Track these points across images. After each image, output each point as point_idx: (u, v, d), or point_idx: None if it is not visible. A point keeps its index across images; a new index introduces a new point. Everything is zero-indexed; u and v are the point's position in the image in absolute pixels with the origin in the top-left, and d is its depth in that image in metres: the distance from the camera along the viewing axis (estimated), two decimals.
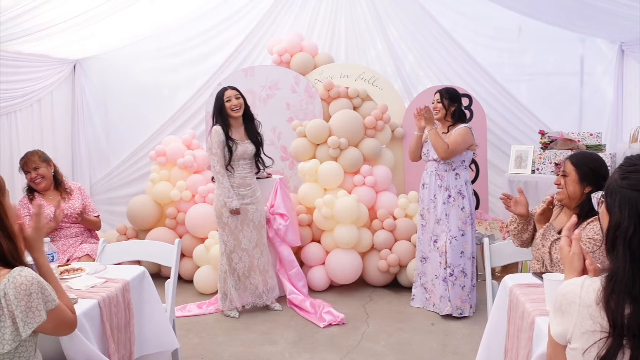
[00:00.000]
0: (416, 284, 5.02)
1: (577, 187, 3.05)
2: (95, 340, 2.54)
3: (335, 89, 5.78)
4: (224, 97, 4.69)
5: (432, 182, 4.82)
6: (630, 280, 1.49)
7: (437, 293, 4.81)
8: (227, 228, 4.74)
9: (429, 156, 4.83)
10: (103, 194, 7.00)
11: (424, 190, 4.91)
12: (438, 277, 4.80)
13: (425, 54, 6.66)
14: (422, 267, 4.97)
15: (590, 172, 3.01)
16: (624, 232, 1.52)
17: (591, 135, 5.54)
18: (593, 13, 5.23)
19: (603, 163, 3.08)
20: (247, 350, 4.19)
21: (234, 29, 6.79)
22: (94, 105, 7.02)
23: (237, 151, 4.68)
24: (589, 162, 3.05)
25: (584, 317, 1.55)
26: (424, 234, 4.94)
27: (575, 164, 3.07)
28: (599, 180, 2.97)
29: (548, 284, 2.36)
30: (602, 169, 3.03)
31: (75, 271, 3.04)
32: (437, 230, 4.81)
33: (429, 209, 4.86)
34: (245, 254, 4.81)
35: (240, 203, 4.71)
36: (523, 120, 6.53)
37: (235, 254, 4.79)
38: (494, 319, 2.95)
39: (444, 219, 4.77)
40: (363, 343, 4.31)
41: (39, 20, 5.05)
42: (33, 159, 4.46)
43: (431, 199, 4.83)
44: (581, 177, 3.03)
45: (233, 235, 4.76)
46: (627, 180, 1.56)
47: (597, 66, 6.55)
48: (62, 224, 4.50)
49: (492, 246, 3.50)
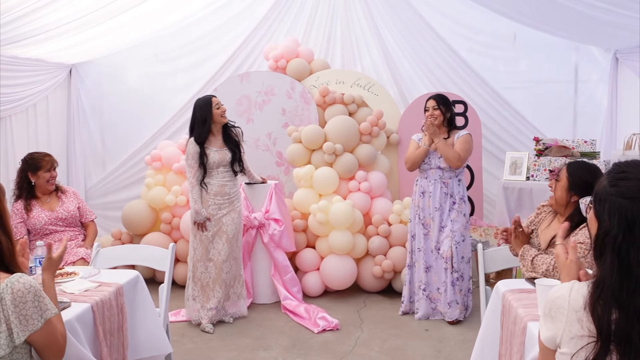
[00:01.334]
0: (418, 296, 4.91)
1: (565, 195, 3.07)
2: (88, 344, 2.53)
3: (331, 95, 5.79)
4: (213, 105, 4.67)
5: (437, 190, 4.77)
6: (617, 287, 1.50)
7: (444, 300, 4.76)
8: (199, 236, 4.70)
9: (432, 164, 4.79)
10: (98, 199, 6.99)
11: (424, 199, 4.84)
12: (445, 284, 4.76)
13: (420, 60, 6.68)
14: (426, 278, 4.86)
15: (581, 183, 3.01)
16: (612, 239, 1.53)
17: (585, 143, 5.56)
18: (588, 21, 5.26)
19: (599, 175, 3.02)
20: (241, 355, 4.19)
21: (231, 34, 6.82)
22: (89, 109, 7.02)
23: (213, 158, 4.65)
24: (583, 172, 3.05)
25: (573, 322, 1.56)
26: (426, 243, 4.85)
27: (569, 172, 3.08)
28: (587, 191, 2.98)
29: (540, 290, 2.37)
30: (595, 181, 3.02)
31: (68, 275, 3.04)
32: (440, 237, 4.77)
33: (434, 218, 4.79)
34: (212, 265, 4.73)
35: (216, 213, 4.68)
36: (518, 127, 6.56)
37: (202, 263, 4.72)
38: (487, 324, 2.96)
39: (448, 225, 4.74)
40: (357, 349, 4.31)
41: (35, 24, 5.05)
42: (50, 159, 4.53)
43: (436, 207, 4.78)
44: (570, 185, 3.05)
45: (202, 245, 4.70)
46: (616, 187, 1.56)
47: (591, 74, 6.59)
48: (57, 228, 4.51)
49: (486, 252, 3.51)
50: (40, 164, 4.48)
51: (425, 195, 4.84)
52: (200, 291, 4.74)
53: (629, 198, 1.53)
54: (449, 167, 4.72)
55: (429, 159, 4.79)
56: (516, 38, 6.56)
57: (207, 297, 4.73)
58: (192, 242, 4.74)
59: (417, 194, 4.89)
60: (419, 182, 4.91)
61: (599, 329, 1.49)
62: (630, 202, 1.52)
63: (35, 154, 4.56)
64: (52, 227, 4.50)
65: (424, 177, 4.86)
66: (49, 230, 4.49)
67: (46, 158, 4.52)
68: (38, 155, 4.54)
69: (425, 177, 4.86)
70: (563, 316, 1.58)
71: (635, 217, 1.50)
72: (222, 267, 4.72)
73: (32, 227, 4.45)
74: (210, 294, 4.73)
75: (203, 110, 4.67)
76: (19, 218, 4.41)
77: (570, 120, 6.66)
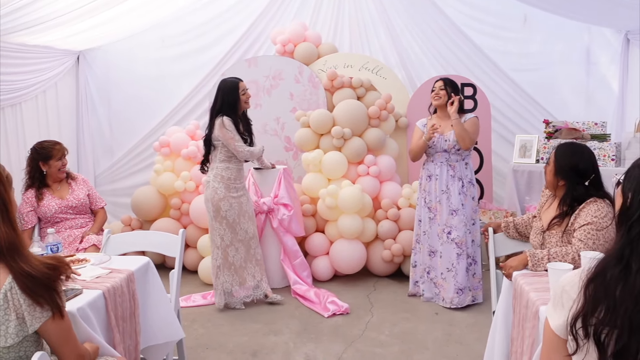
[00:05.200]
0: (423, 278, 4.93)
1: (553, 179, 3.08)
2: (101, 330, 2.54)
3: (339, 79, 5.76)
4: (240, 90, 4.66)
5: (444, 173, 4.75)
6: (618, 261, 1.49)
7: (452, 287, 4.71)
8: (225, 221, 4.70)
9: (437, 147, 4.76)
10: (107, 185, 7.02)
11: (430, 183, 4.82)
12: (451, 270, 4.72)
13: (429, 43, 6.64)
14: (430, 262, 4.88)
15: (567, 167, 3.00)
16: (630, 216, 1.52)
17: (596, 125, 5.51)
18: (598, 2, 5.20)
19: (585, 158, 3.02)
20: (251, 340, 4.20)
21: (237, 18, 6.79)
22: (97, 96, 7.03)
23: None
24: (568, 156, 3.03)
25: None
26: (432, 227, 4.84)
27: (556, 156, 3.08)
28: (573, 176, 2.97)
29: (552, 273, 2.35)
30: (581, 164, 2.98)
31: (80, 262, 3.05)
32: (453, 221, 4.72)
33: (441, 201, 4.77)
34: (242, 245, 4.79)
35: (236, 194, 4.71)
36: (528, 110, 6.52)
37: (232, 247, 4.75)
38: (500, 308, 2.95)
39: (460, 209, 4.72)
40: (367, 333, 4.31)
41: (43, 12, 5.05)
42: (60, 147, 4.53)
43: (443, 190, 4.76)
44: (557, 170, 3.05)
45: (230, 228, 4.72)
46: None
47: (602, 56, 6.53)
48: (67, 216, 4.53)
49: (496, 236, 3.50)
50: (52, 152, 4.47)
51: (431, 179, 4.82)
52: (236, 274, 4.79)
53: None
54: (455, 149, 4.70)
55: (434, 142, 4.76)
56: (527, 19, 6.50)
57: (242, 277, 4.81)
58: (218, 229, 4.71)
59: (424, 178, 4.89)
60: (426, 166, 4.90)
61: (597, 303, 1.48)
62: None
63: (46, 143, 4.55)
64: (63, 215, 4.51)
65: (431, 161, 4.85)
66: (59, 219, 4.50)
67: (57, 147, 4.51)
68: (48, 144, 4.53)
69: (432, 161, 4.85)
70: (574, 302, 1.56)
71: None
72: (250, 244, 4.82)
73: (43, 215, 4.46)
74: (244, 273, 4.81)
75: (232, 93, 4.65)
76: (29, 207, 4.42)
77: (581, 102, 6.60)
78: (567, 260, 2.76)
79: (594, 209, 2.85)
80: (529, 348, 2.43)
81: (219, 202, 4.66)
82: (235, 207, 4.71)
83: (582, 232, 2.82)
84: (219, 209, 4.67)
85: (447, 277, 4.76)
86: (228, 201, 4.66)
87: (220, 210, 4.67)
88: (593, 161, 3.02)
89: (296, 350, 4.03)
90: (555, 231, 3.01)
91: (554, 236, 3.00)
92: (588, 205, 2.88)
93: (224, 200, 4.65)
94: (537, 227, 3.17)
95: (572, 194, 2.97)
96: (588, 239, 2.78)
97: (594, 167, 3.00)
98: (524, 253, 2.89)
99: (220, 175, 4.65)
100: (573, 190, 2.97)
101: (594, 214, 2.83)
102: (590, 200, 2.89)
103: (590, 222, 2.82)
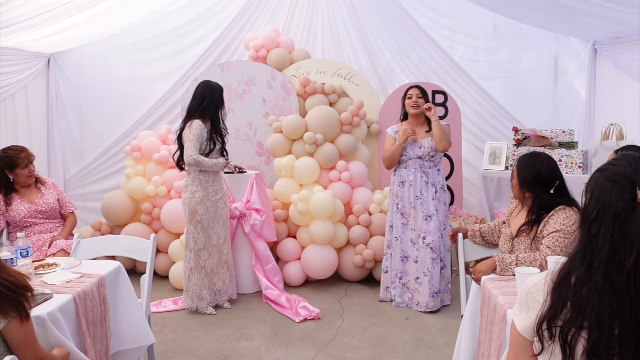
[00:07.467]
0: (395, 284, 4.98)
1: (519, 192, 3.14)
2: (71, 335, 2.53)
3: (312, 85, 5.79)
4: (223, 94, 4.78)
5: (418, 179, 4.81)
6: (579, 262, 1.55)
7: (427, 290, 4.77)
8: (200, 225, 4.70)
9: (411, 154, 4.81)
10: (77, 190, 6.94)
11: (403, 189, 4.87)
12: (427, 275, 4.77)
13: (401, 50, 6.71)
14: (402, 267, 4.91)
15: (530, 179, 3.05)
16: (587, 216, 1.58)
17: (564, 133, 5.62)
18: (567, 12, 5.31)
19: (546, 165, 3.06)
20: (222, 345, 4.20)
21: (210, 23, 6.78)
22: (68, 99, 6.94)
23: (216, 145, 4.70)
24: (530, 167, 3.07)
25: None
26: (405, 233, 4.89)
27: (518, 170, 3.13)
28: (538, 186, 3.02)
29: (520, 277, 2.40)
30: (543, 172, 3.03)
31: (50, 266, 3.03)
32: (428, 227, 4.78)
33: (415, 207, 4.83)
34: (215, 250, 4.79)
35: (214, 197, 4.71)
36: (497, 117, 6.61)
37: (205, 250, 4.75)
38: (468, 312, 2.99)
39: (435, 214, 4.78)
40: (338, 337, 4.34)
41: (13, 13, 4.97)
42: (26, 154, 4.43)
43: (417, 196, 4.82)
44: (521, 183, 3.10)
45: (204, 232, 4.72)
46: (605, 171, 1.62)
47: (570, 64, 6.66)
48: (36, 220, 4.46)
49: (466, 241, 3.56)
50: (17, 161, 4.38)
51: (404, 185, 4.87)
52: (206, 278, 4.78)
53: (611, 181, 1.57)
54: (429, 156, 4.76)
55: (408, 149, 4.82)
56: (496, 28, 6.61)
57: (212, 281, 4.81)
58: (192, 232, 4.71)
59: (396, 184, 4.93)
60: (398, 172, 4.93)
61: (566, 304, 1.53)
62: (611, 185, 1.56)
63: (10, 151, 4.42)
64: (32, 219, 4.45)
65: (404, 167, 4.89)
66: (29, 223, 4.44)
67: (22, 154, 4.40)
68: (13, 152, 4.41)
69: (404, 167, 4.88)
70: (539, 304, 1.61)
71: (612, 200, 1.54)
72: (222, 249, 4.84)
73: (12, 219, 4.40)
74: (215, 278, 4.82)
75: (217, 95, 4.73)
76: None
77: (549, 110, 6.72)
78: (535, 265, 2.81)
79: (562, 217, 2.90)
80: (496, 351, 2.48)
81: (196, 205, 4.65)
82: (211, 211, 4.71)
83: (551, 239, 2.87)
84: (195, 212, 4.66)
85: (423, 282, 4.80)
86: (205, 205, 4.66)
87: (196, 214, 4.66)
88: (554, 167, 3.07)
89: (267, 355, 4.03)
90: (523, 238, 3.06)
91: (523, 243, 3.05)
92: (557, 212, 2.94)
93: (200, 204, 4.65)
94: (507, 233, 3.22)
95: (539, 204, 3.02)
96: (556, 246, 2.84)
97: (556, 172, 3.05)
98: (493, 257, 2.93)
99: (198, 178, 4.66)
100: (540, 200, 3.02)
101: (562, 222, 2.88)
102: (558, 208, 2.95)
103: (558, 229, 2.87)
